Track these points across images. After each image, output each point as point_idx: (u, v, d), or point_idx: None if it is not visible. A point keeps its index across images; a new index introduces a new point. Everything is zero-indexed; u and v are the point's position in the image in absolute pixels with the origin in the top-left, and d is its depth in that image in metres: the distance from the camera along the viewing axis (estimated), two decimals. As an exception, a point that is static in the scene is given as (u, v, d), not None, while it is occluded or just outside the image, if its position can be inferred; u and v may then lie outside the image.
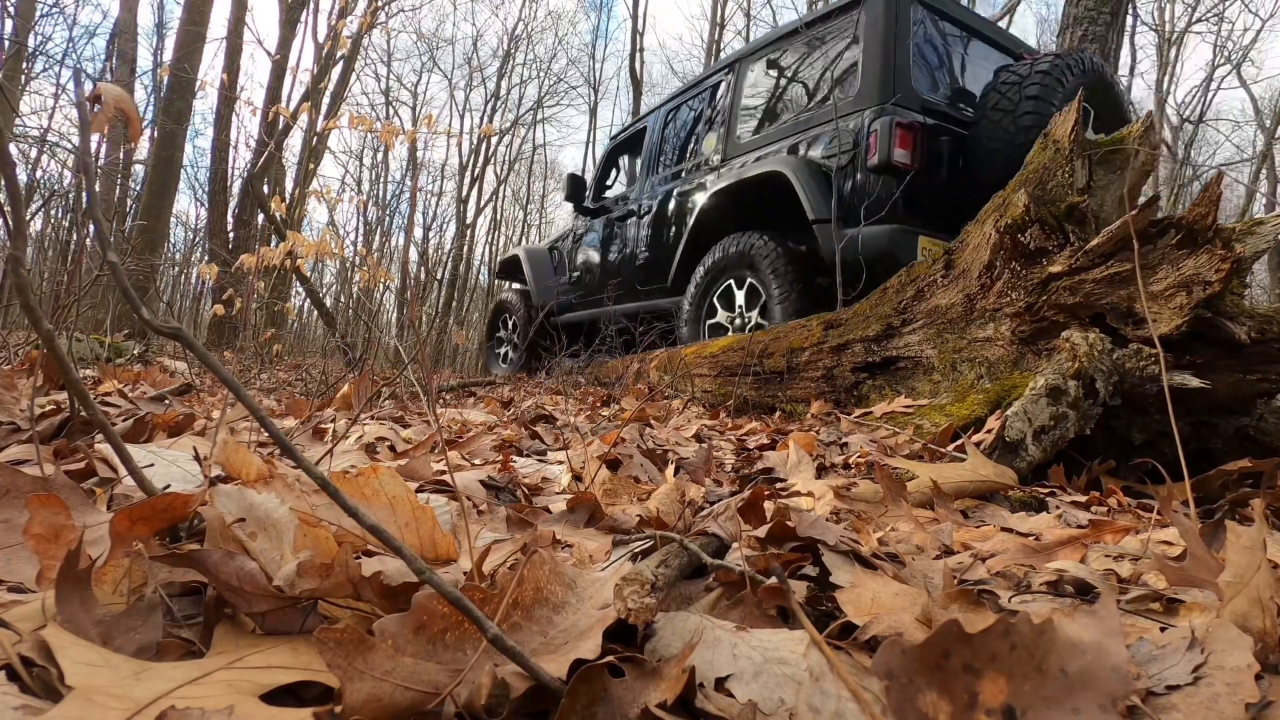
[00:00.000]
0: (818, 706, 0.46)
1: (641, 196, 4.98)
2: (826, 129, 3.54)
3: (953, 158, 3.44)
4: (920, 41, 3.51)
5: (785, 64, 4.04)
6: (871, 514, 1.09)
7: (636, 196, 5.08)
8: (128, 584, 0.57)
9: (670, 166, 4.80)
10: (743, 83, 4.23)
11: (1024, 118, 3.24)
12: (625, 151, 5.67)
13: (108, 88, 0.64)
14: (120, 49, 11.21)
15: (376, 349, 4.44)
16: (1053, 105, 3.25)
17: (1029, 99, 3.23)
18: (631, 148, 5.50)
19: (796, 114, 3.85)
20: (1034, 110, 3.23)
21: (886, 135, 3.23)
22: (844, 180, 3.42)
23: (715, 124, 4.38)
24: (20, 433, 1.18)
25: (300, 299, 10.88)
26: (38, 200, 8.58)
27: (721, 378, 3.42)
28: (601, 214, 5.49)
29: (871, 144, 3.30)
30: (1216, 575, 0.60)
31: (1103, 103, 3.51)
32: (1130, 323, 1.74)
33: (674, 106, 4.98)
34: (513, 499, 1.19)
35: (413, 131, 6.03)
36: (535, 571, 0.59)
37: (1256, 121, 20.80)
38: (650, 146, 5.08)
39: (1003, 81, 3.39)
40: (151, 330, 0.65)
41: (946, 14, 3.71)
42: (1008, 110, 3.28)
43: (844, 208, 3.39)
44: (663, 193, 4.69)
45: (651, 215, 4.74)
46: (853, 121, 3.44)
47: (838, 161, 3.46)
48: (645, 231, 4.79)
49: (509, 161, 25.14)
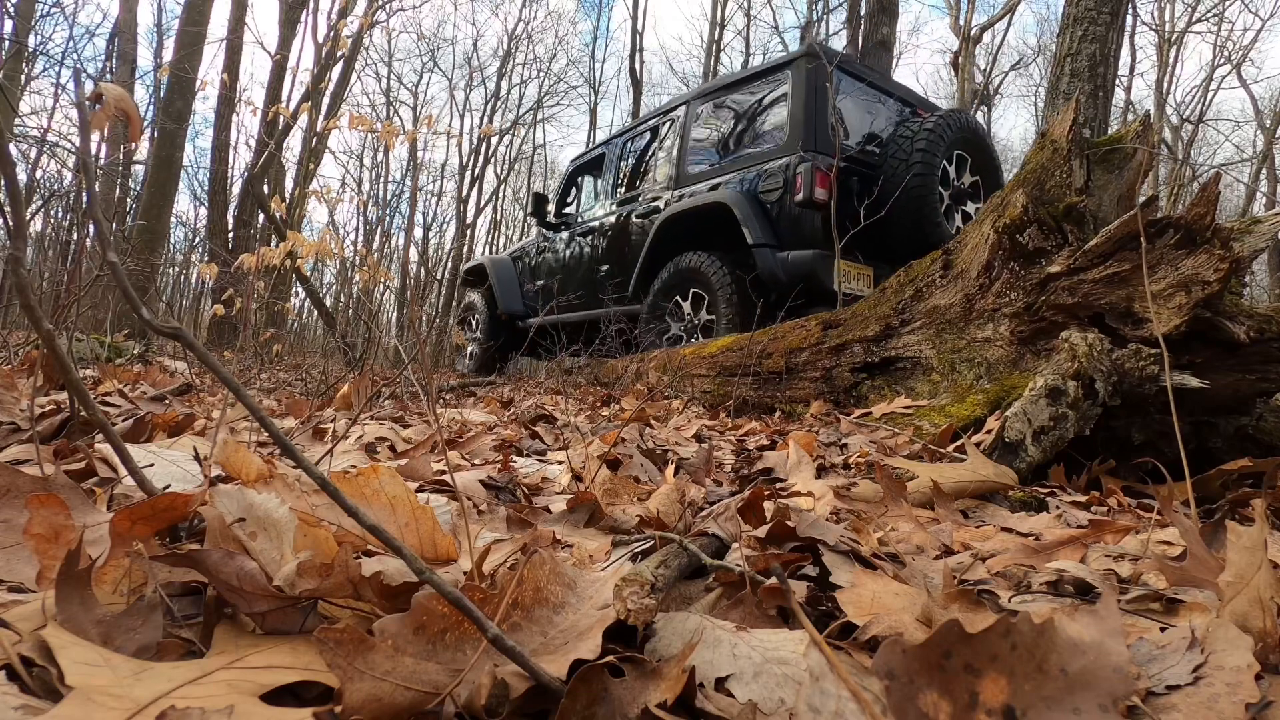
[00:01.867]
0: (818, 706, 0.46)
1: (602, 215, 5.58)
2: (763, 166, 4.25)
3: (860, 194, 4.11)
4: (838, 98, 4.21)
5: (729, 108, 4.73)
6: (871, 514, 1.09)
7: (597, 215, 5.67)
8: (128, 584, 0.57)
9: (628, 190, 5.41)
10: (692, 121, 4.93)
11: (915, 165, 4.01)
12: (585, 173, 6.29)
13: (108, 87, 0.64)
14: (120, 49, 11.21)
15: (376, 349, 4.43)
16: (936, 156, 4.06)
17: (918, 150, 4.03)
18: (591, 170, 6.13)
19: (738, 152, 4.54)
20: (922, 160, 4.02)
21: (809, 177, 3.94)
22: (777, 212, 4.12)
23: (669, 155, 5.04)
24: (20, 433, 1.18)
25: (300, 299, 10.88)
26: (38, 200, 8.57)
27: (721, 378, 3.42)
28: (563, 229, 6.08)
29: (797, 183, 4.00)
30: (1216, 575, 0.60)
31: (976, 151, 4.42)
32: (1129, 323, 1.74)
33: (631, 136, 5.65)
34: (513, 499, 1.19)
35: (413, 131, 6.04)
36: (535, 571, 0.59)
37: (1256, 121, 20.82)
38: (609, 170, 5.71)
39: (899, 134, 4.17)
40: (151, 330, 0.65)
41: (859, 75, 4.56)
42: (902, 159, 4.06)
43: (776, 235, 4.08)
44: (623, 213, 5.29)
45: (612, 233, 5.34)
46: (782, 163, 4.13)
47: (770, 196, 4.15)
48: (606, 247, 5.39)
49: (509, 161, 25.16)
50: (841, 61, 4.39)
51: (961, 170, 4.34)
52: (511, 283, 6.57)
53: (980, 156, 4.41)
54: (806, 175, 3.96)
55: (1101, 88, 4.88)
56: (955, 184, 4.32)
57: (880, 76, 4.95)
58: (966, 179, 4.35)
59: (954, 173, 4.32)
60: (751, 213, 4.11)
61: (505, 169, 24.79)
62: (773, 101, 4.39)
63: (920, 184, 4.03)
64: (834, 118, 4.07)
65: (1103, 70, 4.86)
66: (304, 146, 12.70)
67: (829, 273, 3.93)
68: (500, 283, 6.57)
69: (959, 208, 4.33)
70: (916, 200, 4.03)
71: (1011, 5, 15.21)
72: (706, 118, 4.88)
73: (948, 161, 4.25)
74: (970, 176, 4.39)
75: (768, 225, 4.11)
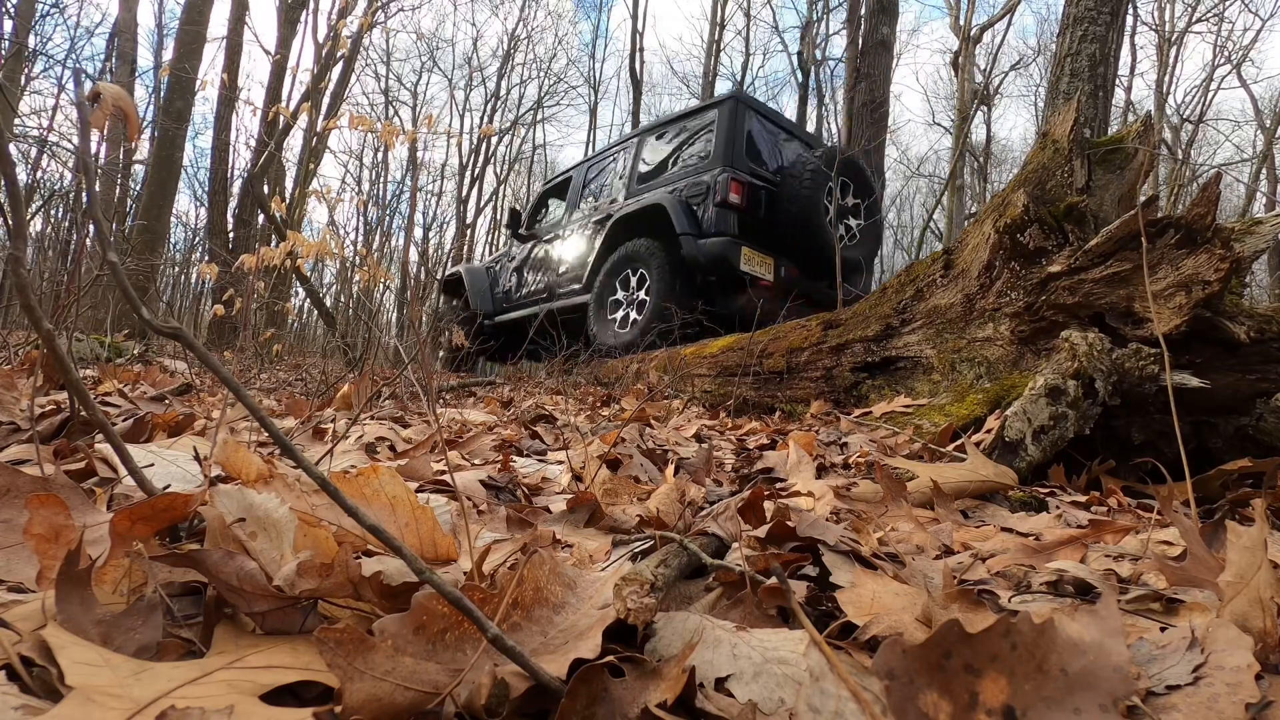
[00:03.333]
0: (818, 706, 0.46)
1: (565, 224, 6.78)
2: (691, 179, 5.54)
3: (765, 204, 5.41)
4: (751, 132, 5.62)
5: (671, 138, 6.05)
6: (871, 514, 1.09)
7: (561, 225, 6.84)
8: (128, 584, 0.57)
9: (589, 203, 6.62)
10: (641, 149, 6.28)
11: (804, 190, 5.28)
12: (555, 194, 7.43)
13: (106, 86, 0.64)
14: (120, 49, 11.20)
15: (376, 349, 4.45)
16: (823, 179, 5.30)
17: (810, 174, 5.32)
18: (559, 192, 7.32)
19: (673, 170, 5.84)
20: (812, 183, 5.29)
21: (724, 185, 5.16)
22: (701, 212, 5.29)
23: (622, 174, 6.34)
24: (20, 433, 1.18)
25: (300, 299, 10.88)
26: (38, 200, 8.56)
27: (721, 378, 3.42)
28: (533, 240, 7.20)
29: (716, 190, 5.21)
30: (1216, 575, 0.60)
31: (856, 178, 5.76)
32: (1129, 322, 1.74)
33: (593, 161, 6.90)
34: (513, 499, 1.19)
35: (413, 131, 6.05)
36: (535, 571, 0.59)
37: (1256, 121, 20.81)
38: (574, 190, 6.93)
39: (793, 164, 5.51)
40: (151, 330, 0.65)
41: (768, 117, 5.96)
42: (797, 181, 5.33)
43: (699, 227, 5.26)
44: (582, 220, 6.49)
45: (572, 237, 6.53)
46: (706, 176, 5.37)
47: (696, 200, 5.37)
48: (566, 248, 6.55)
49: (509, 161, 25.15)
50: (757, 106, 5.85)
51: (845, 192, 5.71)
52: (484, 286, 7.71)
53: (859, 182, 5.80)
54: (723, 184, 5.16)
55: (1101, 88, 4.87)
56: (840, 202, 5.59)
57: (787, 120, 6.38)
58: (850, 200, 5.75)
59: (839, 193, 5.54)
60: (681, 210, 5.28)
61: (505, 169, 24.80)
62: (703, 133, 5.69)
63: (810, 200, 5.26)
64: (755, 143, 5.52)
65: (1103, 70, 4.86)
66: (304, 146, 12.69)
67: (737, 256, 5.03)
68: (473, 286, 7.70)
69: (842, 221, 5.65)
70: (807, 211, 5.26)
71: (1011, 5, 15.21)
72: (653, 146, 6.14)
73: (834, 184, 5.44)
74: (854, 199, 5.78)
75: (693, 220, 5.24)
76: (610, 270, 5.70)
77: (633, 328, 5.29)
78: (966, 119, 15.66)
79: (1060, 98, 4.86)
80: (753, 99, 5.84)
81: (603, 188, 6.49)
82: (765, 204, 5.37)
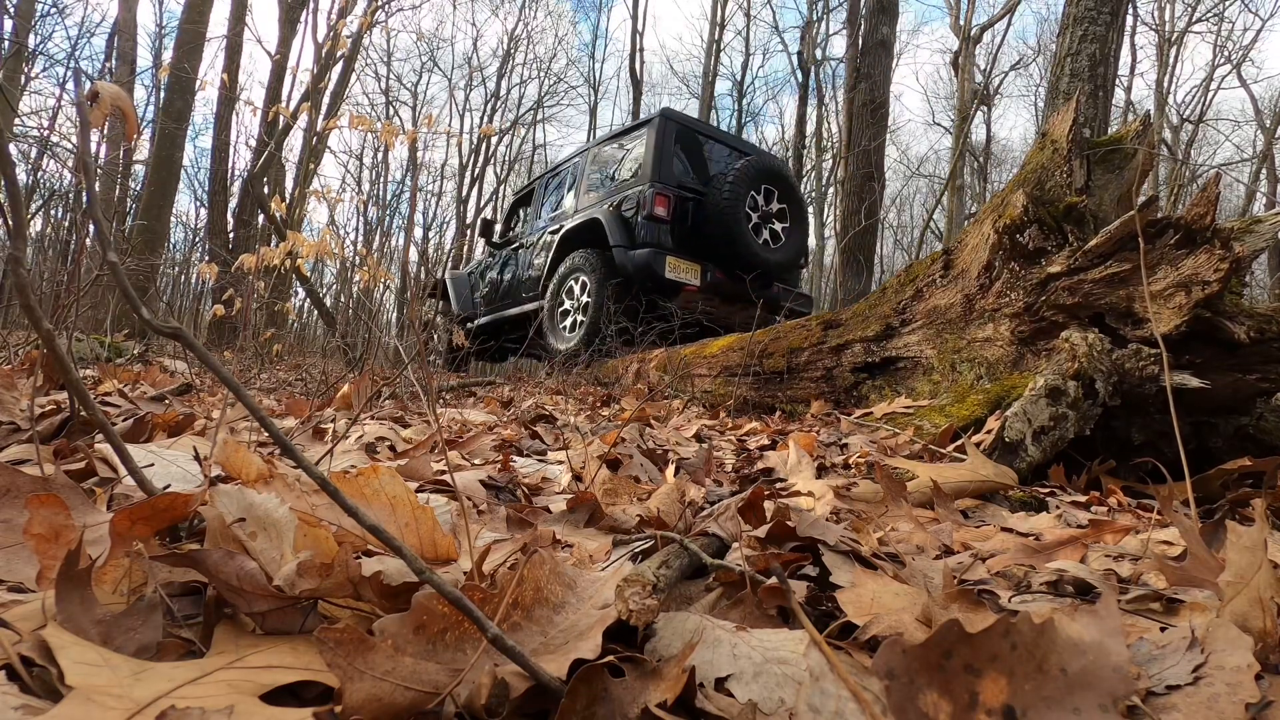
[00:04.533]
0: (818, 706, 0.46)
1: (528, 236, 7.36)
2: (625, 193, 6.02)
3: (692, 213, 5.85)
4: (681, 146, 6.06)
5: (608, 154, 6.59)
6: (871, 514, 1.09)
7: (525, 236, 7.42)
8: (128, 584, 0.57)
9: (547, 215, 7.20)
10: (587, 164, 6.79)
11: (727, 197, 5.64)
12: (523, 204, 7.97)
13: (106, 86, 0.64)
14: (120, 49, 11.20)
15: (376, 349, 4.45)
16: (743, 188, 5.70)
17: (729, 184, 5.69)
18: (527, 201, 7.90)
19: (613, 184, 6.32)
20: (731, 193, 5.64)
21: (650, 199, 5.66)
22: (633, 224, 5.77)
23: (573, 187, 6.89)
24: (20, 433, 1.18)
25: (300, 299, 10.87)
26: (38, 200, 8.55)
27: (721, 378, 3.42)
28: (504, 248, 7.81)
29: (644, 204, 5.70)
30: (1216, 575, 0.60)
31: (781, 184, 6.11)
32: (1129, 323, 1.74)
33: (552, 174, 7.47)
34: (513, 499, 1.19)
35: (413, 131, 6.07)
36: (535, 571, 0.59)
37: (1256, 121, 20.80)
38: (536, 201, 7.55)
39: (717, 174, 5.95)
40: (151, 330, 0.65)
41: (698, 130, 6.42)
42: (719, 191, 5.73)
43: (631, 238, 5.74)
44: (541, 233, 7.08)
45: (533, 249, 7.08)
46: (635, 191, 5.86)
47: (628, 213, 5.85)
48: (528, 258, 7.13)
49: (509, 161, 25.14)
50: (685, 121, 6.31)
51: (770, 199, 6.02)
52: (465, 291, 8.34)
53: (784, 188, 6.14)
54: (650, 198, 5.66)
55: (1101, 88, 4.88)
56: (763, 208, 5.96)
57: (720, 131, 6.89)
58: (775, 205, 6.05)
59: (762, 200, 5.94)
60: (614, 224, 5.81)
61: (505, 169, 24.79)
62: (637, 149, 6.15)
63: (730, 208, 5.63)
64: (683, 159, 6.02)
65: (1103, 70, 4.86)
66: (304, 146, 12.68)
67: (662, 265, 5.51)
68: (456, 292, 8.36)
69: (766, 225, 6.01)
70: (728, 219, 5.64)
71: (1011, 5, 15.21)
72: (598, 160, 6.66)
73: (755, 192, 5.87)
74: (778, 204, 6.08)
75: (625, 233, 5.74)
76: (560, 280, 6.29)
77: (577, 332, 5.82)
78: (966, 119, 15.66)
79: (1060, 98, 4.87)
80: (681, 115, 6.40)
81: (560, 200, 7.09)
82: (692, 214, 5.84)
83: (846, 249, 9.76)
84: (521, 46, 24.58)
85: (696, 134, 6.33)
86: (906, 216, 27.62)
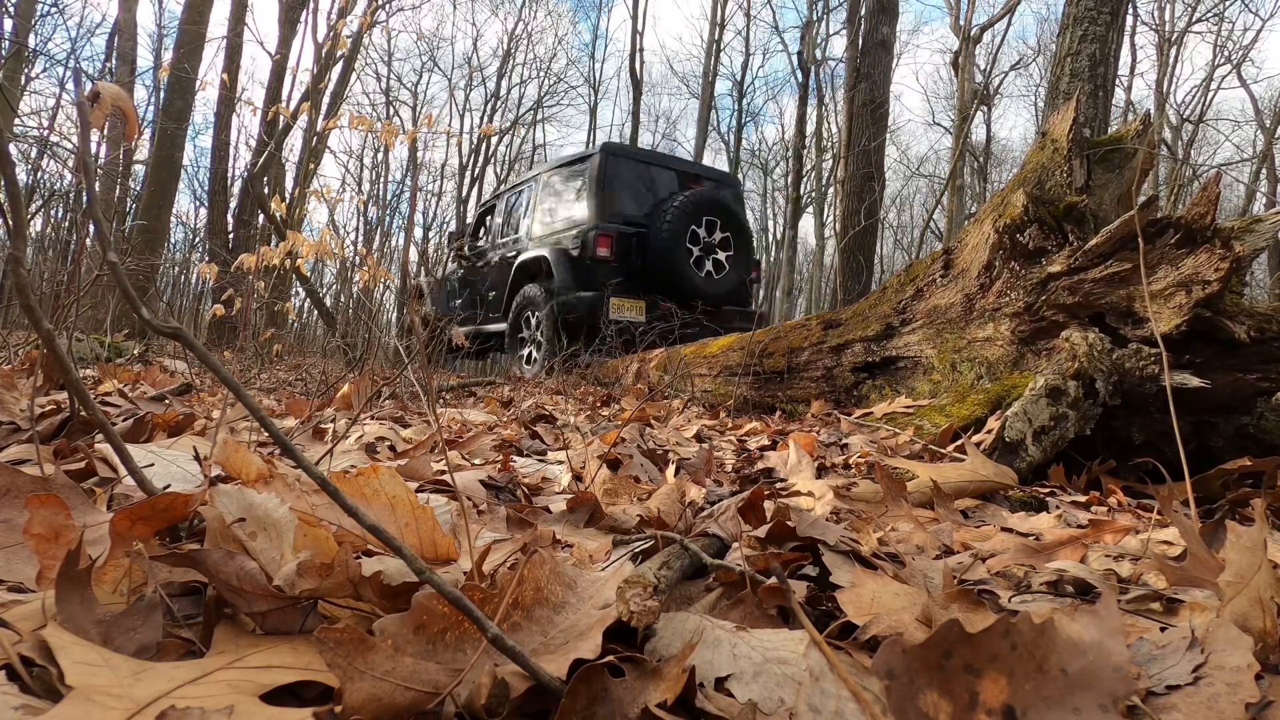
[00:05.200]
0: (818, 706, 0.46)
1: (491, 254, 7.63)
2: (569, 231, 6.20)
3: (636, 248, 6.03)
4: (626, 178, 6.22)
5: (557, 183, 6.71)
6: (871, 514, 1.09)
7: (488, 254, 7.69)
8: (128, 584, 0.57)
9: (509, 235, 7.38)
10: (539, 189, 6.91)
11: (669, 228, 5.86)
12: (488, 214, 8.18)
13: (106, 86, 0.64)
14: (120, 49, 11.20)
15: (376, 349, 4.46)
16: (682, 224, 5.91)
17: (668, 222, 5.89)
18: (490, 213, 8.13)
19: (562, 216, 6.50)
20: (670, 230, 5.86)
21: (593, 241, 5.85)
22: (579, 262, 5.97)
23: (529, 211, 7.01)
24: (20, 433, 1.18)
25: (300, 299, 10.87)
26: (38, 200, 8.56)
27: (721, 378, 3.42)
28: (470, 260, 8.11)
29: (586, 246, 5.89)
30: (1216, 575, 0.60)
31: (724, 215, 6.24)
32: (1130, 322, 1.74)
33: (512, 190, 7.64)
34: (513, 499, 1.19)
35: (413, 131, 6.07)
36: (535, 571, 0.59)
37: (1256, 121, 20.79)
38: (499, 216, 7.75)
39: (661, 204, 6.13)
40: (151, 330, 0.65)
41: (642, 160, 6.63)
42: (662, 223, 5.90)
43: (576, 278, 5.91)
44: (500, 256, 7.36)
45: (495, 269, 7.39)
46: (577, 231, 6.05)
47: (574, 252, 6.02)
48: (492, 280, 7.45)
49: (509, 161, 25.14)
50: (628, 153, 6.52)
51: (712, 230, 6.17)
52: (441, 297, 8.58)
53: (727, 219, 6.28)
54: (593, 240, 5.88)
55: (1101, 88, 4.87)
56: (705, 240, 6.11)
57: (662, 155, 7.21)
58: (717, 235, 6.19)
59: (704, 233, 6.11)
60: (561, 263, 6.01)
61: (505, 169, 24.79)
62: (581, 183, 6.30)
63: (671, 244, 5.85)
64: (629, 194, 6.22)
65: (1103, 70, 4.86)
66: (304, 146, 12.67)
67: (606, 309, 5.71)
68: (435, 297, 8.57)
69: (710, 257, 6.18)
70: (669, 254, 5.87)
71: (1011, 5, 15.20)
72: (550, 187, 6.79)
73: (697, 225, 6.03)
74: (720, 234, 6.22)
75: (570, 272, 5.95)
76: (516, 310, 6.55)
77: (534, 364, 6.03)
78: (966, 119, 15.64)
79: (1060, 97, 4.86)
80: (622, 147, 6.70)
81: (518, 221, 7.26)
82: (636, 248, 6.04)
83: (846, 249, 9.77)
84: (521, 46, 24.61)
85: (640, 164, 6.52)
86: (906, 216, 27.64)
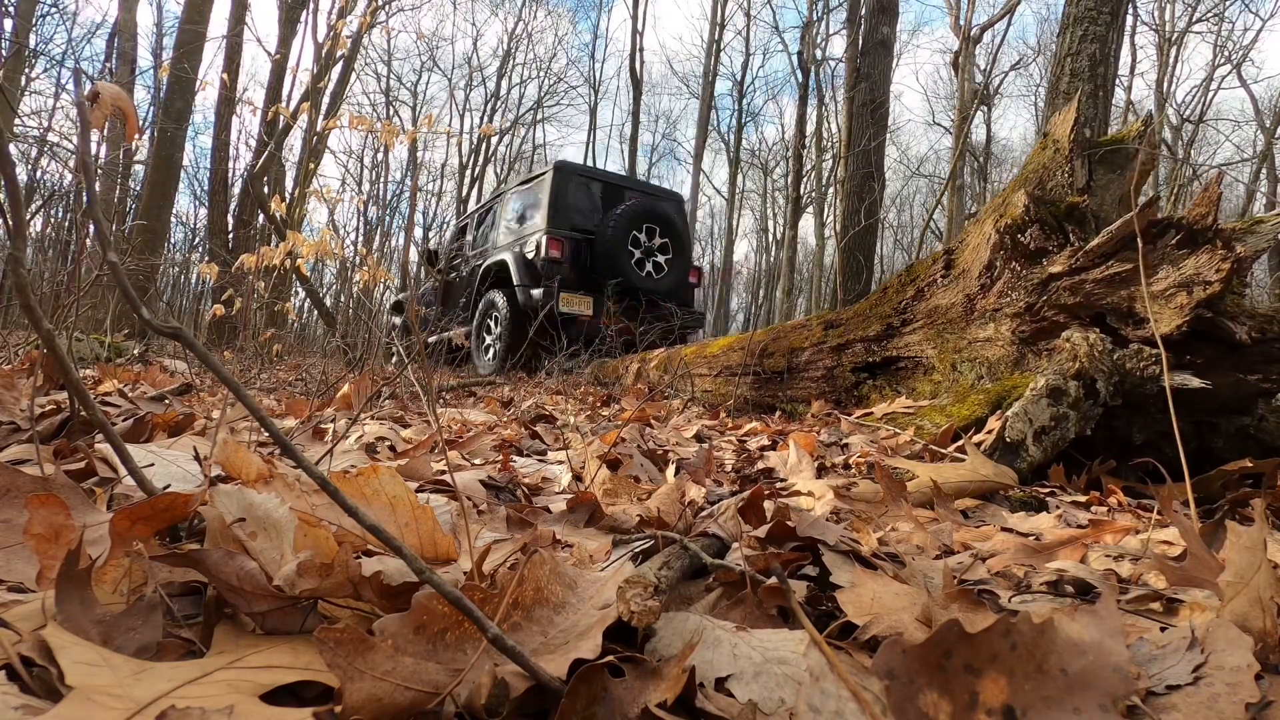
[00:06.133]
0: (818, 706, 0.46)
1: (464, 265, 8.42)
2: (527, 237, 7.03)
3: (586, 252, 6.84)
4: (576, 191, 7.13)
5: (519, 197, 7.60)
6: (872, 514, 1.09)
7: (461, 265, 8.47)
8: (128, 584, 0.57)
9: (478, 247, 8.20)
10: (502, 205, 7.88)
11: (613, 232, 6.71)
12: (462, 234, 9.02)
13: (106, 86, 0.64)
14: (120, 49, 11.20)
15: (376, 349, 4.47)
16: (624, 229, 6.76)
17: (612, 226, 6.73)
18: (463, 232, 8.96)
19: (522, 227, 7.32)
20: (614, 233, 6.69)
21: (545, 244, 6.64)
22: (536, 264, 6.72)
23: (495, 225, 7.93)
24: (20, 433, 1.18)
25: (300, 299, 10.88)
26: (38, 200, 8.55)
27: (721, 377, 3.42)
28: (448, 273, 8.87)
29: (540, 248, 6.68)
30: (1216, 575, 0.60)
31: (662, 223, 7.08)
32: (1131, 323, 1.74)
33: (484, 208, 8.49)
34: (513, 499, 1.19)
35: (413, 131, 6.08)
36: (535, 571, 0.59)
37: (1256, 121, 20.79)
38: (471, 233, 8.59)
39: (608, 214, 6.94)
40: (151, 330, 0.65)
41: (592, 176, 7.54)
42: (609, 230, 6.73)
43: (533, 278, 6.67)
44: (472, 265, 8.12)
45: (466, 278, 8.12)
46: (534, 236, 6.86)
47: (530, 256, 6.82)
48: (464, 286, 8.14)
49: (509, 161, 25.15)
50: (579, 171, 7.37)
51: (652, 235, 7.04)
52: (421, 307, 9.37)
53: (666, 226, 7.12)
54: (546, 243, 6.64)
55: (1102, 88, 4.87)
56: (646, 244, 6.97)
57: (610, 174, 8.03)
58: (657, 241, 7.07)
59: (644, 238, 6.97)
60: (518, 266, 6.83)
61: (505, 169, 24.80)
62: (538, 196, 7.10)
63: (615, 246, 6.67)
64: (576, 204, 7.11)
65: (1103, 70, 4.86)
66: (304, 146, 12.68)
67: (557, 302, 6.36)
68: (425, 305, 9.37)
69: (650, 259, 7.02)
70: (613, 256, 6.67)
71: (1011, 5, 15.19)
72: (514, 202, 7.63)
73: (638, 231, 6.89)
74: (660, 239, 7.07)
75: (528, 273, 6.73)
76: (481, 312, 7.30)
77: (494, 362, 6.75)
78: (966, 119, 15.63)
79: (1060, 97, 4.86)
80: (575, 165, 7.52)
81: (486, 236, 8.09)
82: (585, 252, 6.85)
83: (846, 249, 9.77)
84: (521, 46, 24.62)
85: (590, 180, 7.44)
86: (906, 216, 27.65)
